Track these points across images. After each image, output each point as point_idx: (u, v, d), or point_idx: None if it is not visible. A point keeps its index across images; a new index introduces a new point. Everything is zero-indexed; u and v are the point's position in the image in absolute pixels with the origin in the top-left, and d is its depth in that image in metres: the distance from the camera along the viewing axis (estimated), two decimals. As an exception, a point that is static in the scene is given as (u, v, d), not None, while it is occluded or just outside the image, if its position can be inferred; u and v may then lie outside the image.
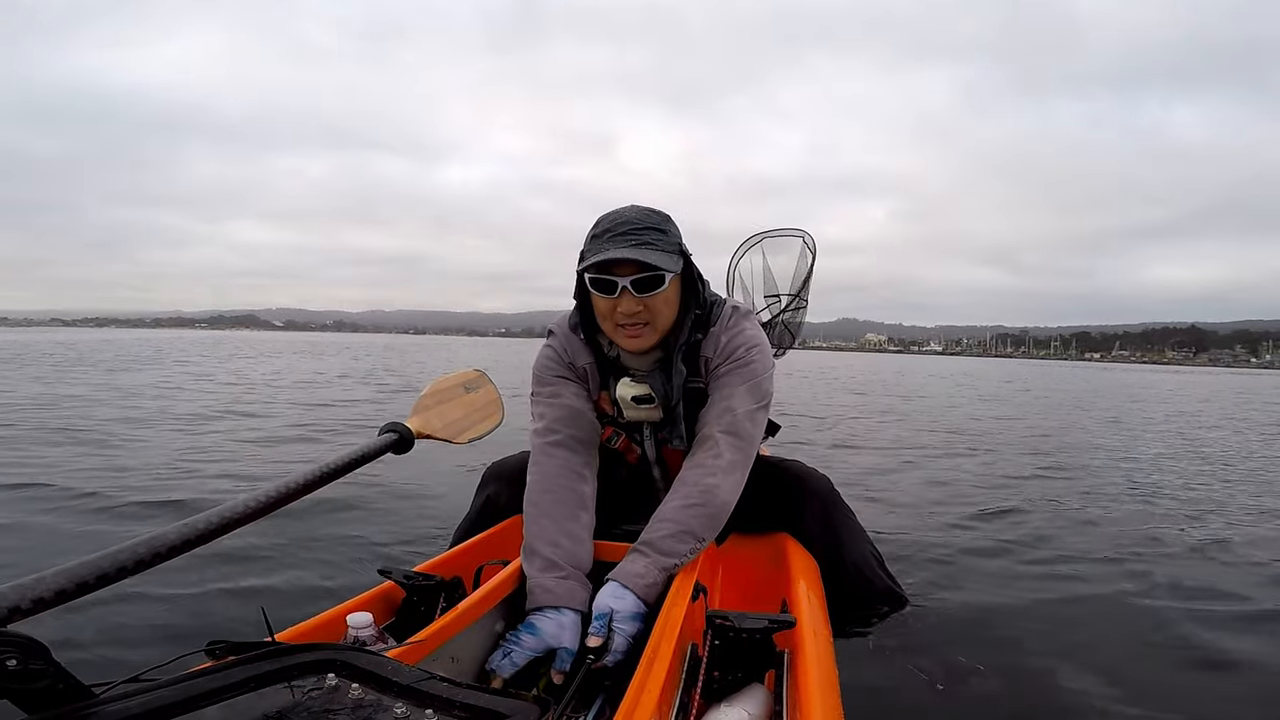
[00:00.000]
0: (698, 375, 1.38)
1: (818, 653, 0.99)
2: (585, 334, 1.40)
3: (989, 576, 2.01)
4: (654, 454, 1.49)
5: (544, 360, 1.45)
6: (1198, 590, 1.86)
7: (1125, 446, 5.25)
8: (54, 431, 4.47)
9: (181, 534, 0.72)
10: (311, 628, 0.98)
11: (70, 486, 2.89)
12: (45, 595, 0.58)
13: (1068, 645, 1.52)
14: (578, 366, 1.43)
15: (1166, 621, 1.65)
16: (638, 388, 1.38)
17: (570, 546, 1.21)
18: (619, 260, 1.21)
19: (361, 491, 3.01)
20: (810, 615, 1.14)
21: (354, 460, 1.01)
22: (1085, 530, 2.57)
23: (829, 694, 0.91)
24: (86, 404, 6.27)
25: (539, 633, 1.07)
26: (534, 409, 1.44)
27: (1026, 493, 3.29)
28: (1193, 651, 1.50)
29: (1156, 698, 1.31)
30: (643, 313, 1.26)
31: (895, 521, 2.68)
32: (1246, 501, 3.23)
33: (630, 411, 1.41)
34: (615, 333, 1.32)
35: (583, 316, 1.38)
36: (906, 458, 4.42)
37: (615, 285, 1.23)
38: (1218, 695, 1.33)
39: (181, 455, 3.84)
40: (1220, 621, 1.64)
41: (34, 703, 0.54)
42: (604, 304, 1.28)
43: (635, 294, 1.23)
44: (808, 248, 2.54)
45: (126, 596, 1.71)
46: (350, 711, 0.59)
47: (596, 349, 1.42)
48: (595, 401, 1.45)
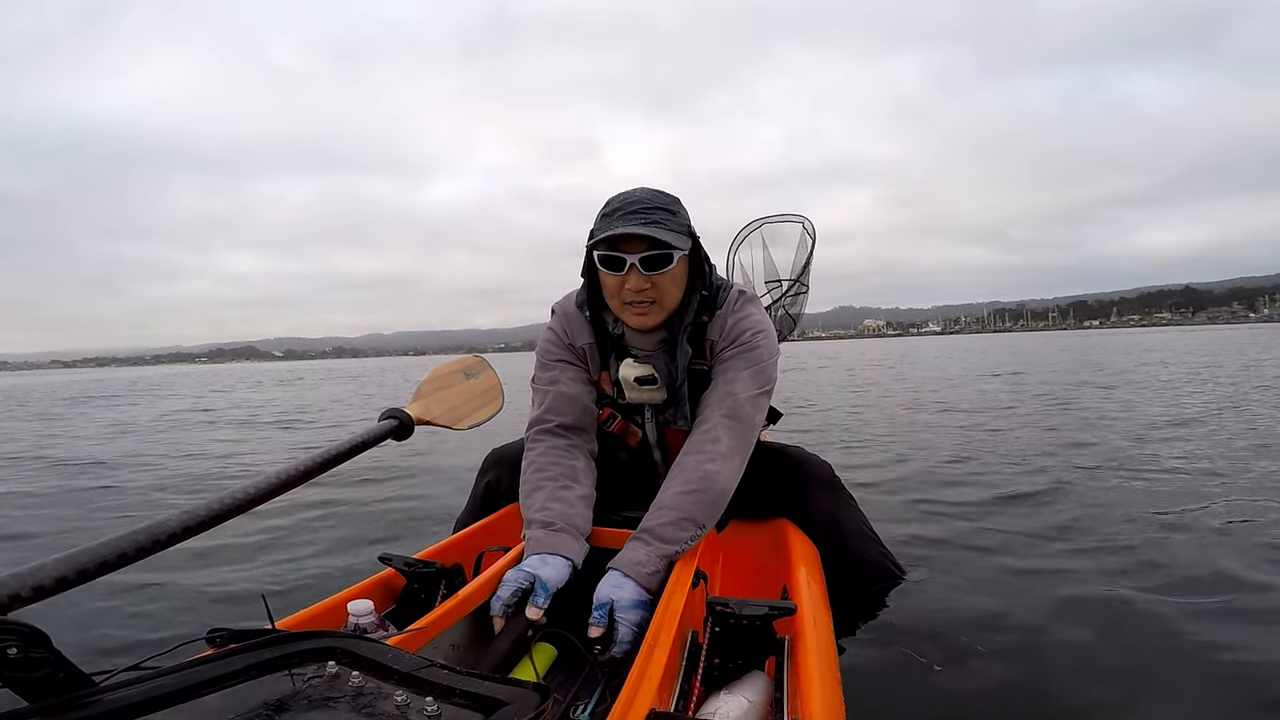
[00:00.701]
0: (702, 357, 1.39)
1: (818, 640, 0.99)
2: (591, 311, 1.40)
3: (992, 561, 2.01)
4: (655, 436, 1.48)
5: (544, 343, 1.47)
6: (1212, 576, 1.85)
7: (1146, 412, 5.20)
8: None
9: (182, 521, 0.72)
10: (312, 615, 0.98)
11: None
12: (46, 583, 0.58)
13: (1071, 630, 1.52)
14: (577, 347, 1.44)
15: (1175, 608, 1.64)
16: (640, 368, 1.39)
17: (562, 509, 1.23)
18: (628, 237, 1.23)
19: (363, 478, 3.02)
20: (811, 602, 1.14)
21: (355, 447, 1.01)
22: (1097, 513, 2.56)
23: (829, 681, 0.91)
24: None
25: (522, 570, 1.09)
26: (533, 396, 1.45)
27: (1038, 474, 3.28)
28: (1201, 638, 1.50)
29: (1161, 682, 1.31)
30: (650, 290, 1.28)
31: (897, 506, 2.69)
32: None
33: (632, 393, 1.41)
34: (622, 310, 1.32)
35: (590, 294, 1.39)
36: (911, 440, 4.43)
37: (624, 262, 1.25)
38: (1225, 685, 1.33)
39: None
40: (1232, 612, 1.64)
41: (35, 691, 0.54)
42: (612, 281, 1.29)
43: (643, 271, 1.25)
44: (807, 233, 2.53)
45: (128, 584, 1.72)
46: (351, 699, 0.59)
47: (600, 328, 1.42)
48: (595, 382, 1.45)
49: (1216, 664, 1.37)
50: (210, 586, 1.79)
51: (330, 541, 2.20)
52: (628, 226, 1.22)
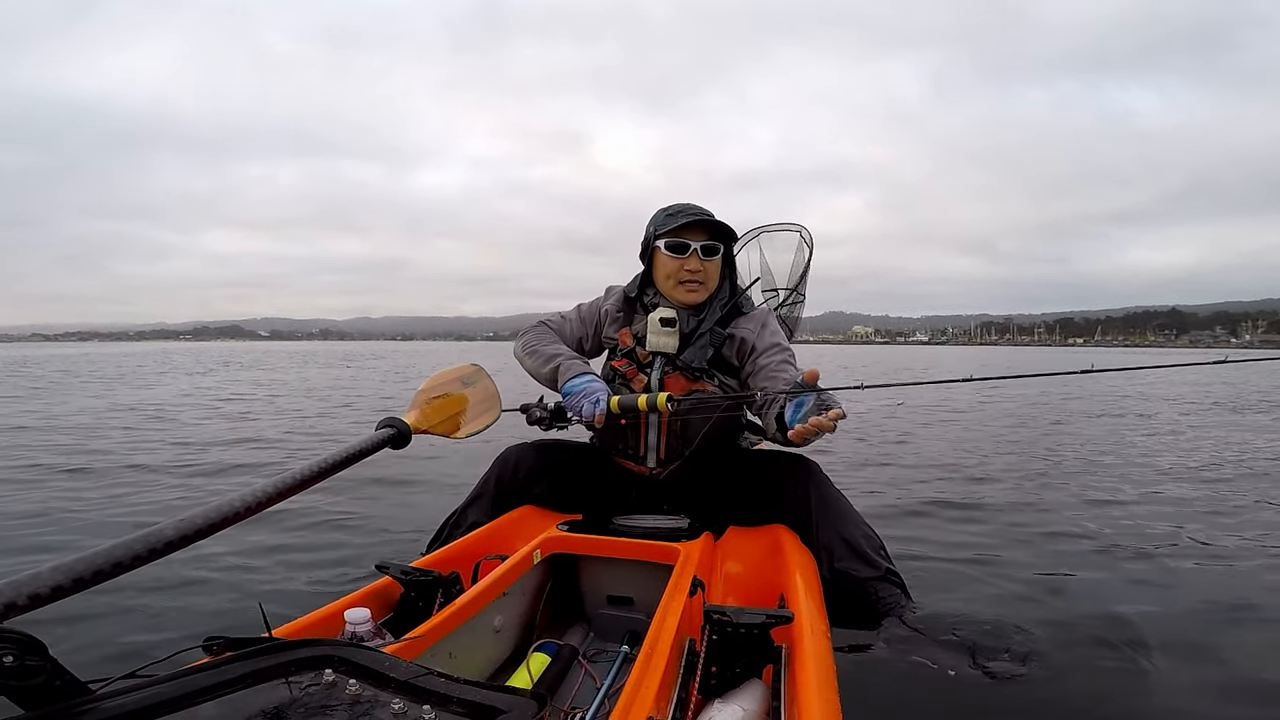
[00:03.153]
0: (725, 344, 1.65)
1: (815, 648, 0.99)
2: (638, 293, 1.72)
3: (994, 570, 2.01)
4: (657, 384, 1.64)
5: (590, 303, 1.83)
6: (1213, 581, 1.86)
7: (1142, 426, 5.24)
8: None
9: (179, 529, 0.72)
10: (309, 623, 0.98)
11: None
12: (42, 591, 0.58)
13: (1076, 640, 1.52)
14: (603, 311, 1.78)
15: (1179, 617, 1.65)
16: (667, 312, 1.65)
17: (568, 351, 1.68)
18: (695, 225, 1.61)
19: (359, 487, 3.01)
20: (808, 610, 1.14)
21: (351, 456, 1.01)
22: (1096, 516, 2.58)
23: (827, 689, 0.91)
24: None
25: (591, 381, 1.56)
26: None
27: (1032, 481, 3.29)
28: (1205, 644, 1.50)
29: (1164, 688, 1.32)
30: (701, 273, 1.63)
31: (894, 510, 2.69)
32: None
33: (653, 335, 1.65)
34: (675, 289, 1.65)
35: (641, 282, 1.73)
36: (906, 446, 4.44)
37: (687, 247, 1.61)
38: (1236, 691, 1.33)
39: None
40: (1239, 618, 1.64)
41: (31, 699, 0.54)
42: (672, 264, 1.63)
43: (701, 257, 1.61)
44: (805, 242, 2.54)
45: (123, 593, 1.71)
46: (347, 707, 0.59)
47: (631, 306, 1.75)
48: (616, 337, 1.73)
49: (1221, 671, 1.37)
50: (207, 595, 1.78)
51: (326, 550, 2.19)
52: (696, 217, 1.59)
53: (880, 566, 1.58)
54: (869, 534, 1.61)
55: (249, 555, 2.10)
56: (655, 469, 1.67)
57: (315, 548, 2.21)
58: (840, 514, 1.55)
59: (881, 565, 1.58)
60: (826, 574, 1.46)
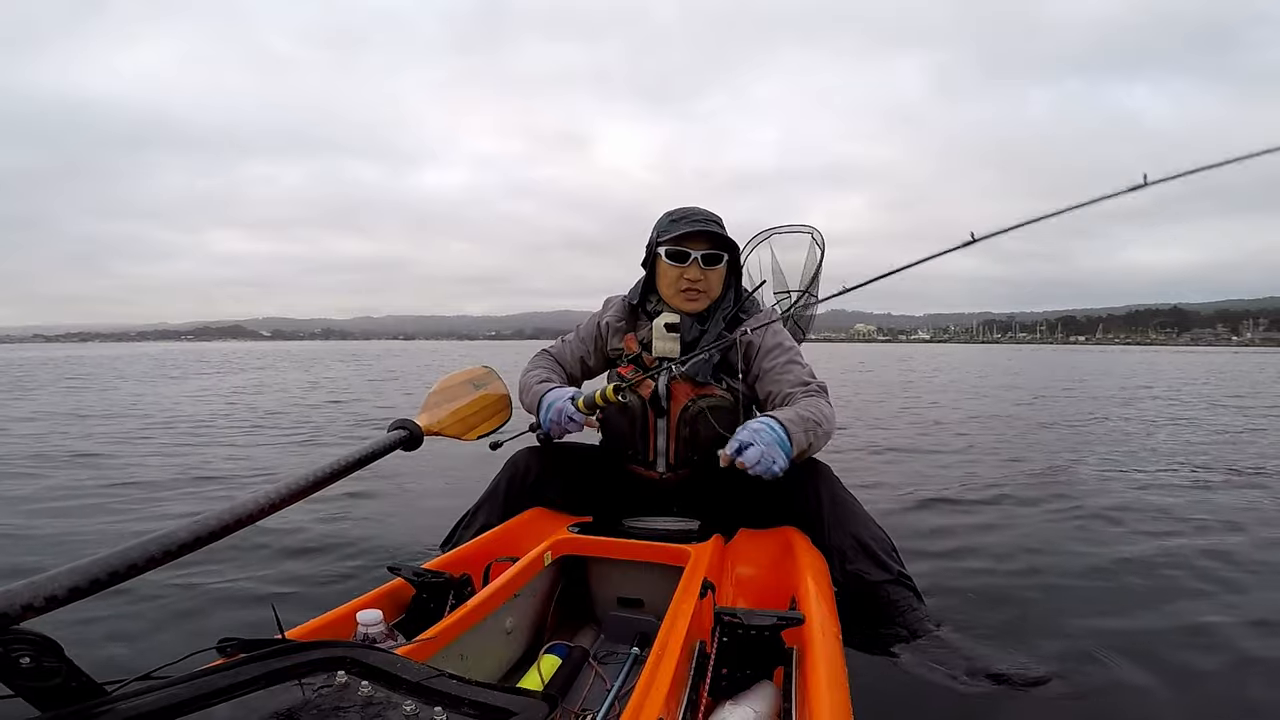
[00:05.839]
0: (731, 335, 1.64)
1: (827, 650, 0.99)
2: (640, 300, 1.72)
3: (1008, 572, 1.99)
4: (664, 390, 1.63)
5: (587, 321, 1.84)
6: (1243, 592, 1.83)
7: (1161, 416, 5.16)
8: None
9: (193, 531, 0.72)
10: (321, 625, 0.98)
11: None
12: (58, 593, 0.58)
13: (1088, 645, 1.50)
14: (602, 325, 1.78)
15: (1202, 624, 1.62)
16: (672, 317, 1.65)
17: (559, 380, 1.71)
18: (695, 235, 1.59)
19: (371, 488, 3.03)
20: (819, 612, 1.13)
21: (363, 457, 1.02)
22: (1116, 521, 2.54)
23: (838, 691, 0.91)
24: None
25: (559, 395, 1.56)
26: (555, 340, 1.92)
27: (1050, 484, 3.25)
28: (1233, 656, 1.47)
29: (1181, 696, 1.30)
30: (702, 281, 1.62)
31: (905, 510, 2.67)
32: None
33: (658, 340, 1.65)
34: (676, 297, 1.65)
35: (644, 288, 1.73)
36: (918, 445, 4.41)
37: (688, 256, 1.60)
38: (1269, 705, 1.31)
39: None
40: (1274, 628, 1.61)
41: (47, 700, 0.54)
42: (673, 272, 1.63)
43: (702, 266, 1.60)
44: (816, 243, 2.54)
45: (139, 594, 1.73)
46: (360, 709, 0.59)
47: (634, 314, 1.74)
48: (622, 345, 1.74)
49: (1252, 681, 1.35)
50: (220, 597, 1.80)
51: (339, 551, 2.20)
52: (696, 227, 1.58)
53: (893, 569, 1.56)
54: (881, 536, 1.59)
55: (262, 557, 2.11)
56: (666, 474, 1.66)
57: (327, 549, 2.22)
58: (852, 516, 1.54)
59: (894, 568, 1.57)
60: (839, 576, 1.45)
